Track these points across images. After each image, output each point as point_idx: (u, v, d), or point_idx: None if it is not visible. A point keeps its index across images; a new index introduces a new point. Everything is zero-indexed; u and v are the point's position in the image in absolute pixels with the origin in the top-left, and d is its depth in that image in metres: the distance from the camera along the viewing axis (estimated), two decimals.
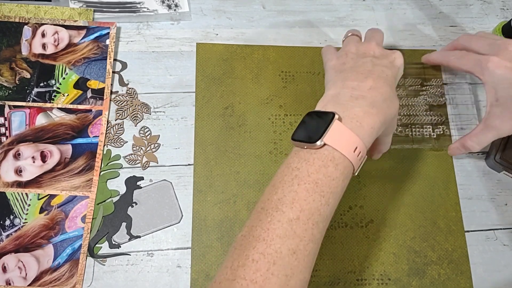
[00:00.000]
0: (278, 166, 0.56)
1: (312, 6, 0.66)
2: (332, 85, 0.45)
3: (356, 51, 0.48)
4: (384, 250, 0.54)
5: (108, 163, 0.55)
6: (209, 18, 0.64)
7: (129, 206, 0.54)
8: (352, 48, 0.49)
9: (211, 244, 0.53)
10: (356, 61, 0.47)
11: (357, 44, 0.49)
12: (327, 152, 0.39)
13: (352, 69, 0.45)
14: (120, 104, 0.58)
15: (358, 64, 0.46)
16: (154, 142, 0.57)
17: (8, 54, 0.58)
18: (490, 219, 0.56)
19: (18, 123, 0.56)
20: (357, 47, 0.49)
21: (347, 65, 0.47)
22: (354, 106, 0.41)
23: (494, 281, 0.53)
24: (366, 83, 0.43)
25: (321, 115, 0.41)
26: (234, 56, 0.61)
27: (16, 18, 0.60)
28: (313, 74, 0.61)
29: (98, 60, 0.59)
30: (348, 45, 0.50)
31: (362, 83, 0.43)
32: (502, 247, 0.55)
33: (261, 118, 0.59)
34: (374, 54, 0.47)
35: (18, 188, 0.53)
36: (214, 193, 0.55)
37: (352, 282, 0.53)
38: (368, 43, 0.49)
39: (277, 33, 0.64)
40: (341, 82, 0.44)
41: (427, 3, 0.67)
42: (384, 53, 0.48)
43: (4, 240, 0.51)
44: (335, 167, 0.39)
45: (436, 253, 0.54)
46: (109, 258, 0.52)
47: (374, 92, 0.42)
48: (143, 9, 0.62)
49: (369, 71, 0.44)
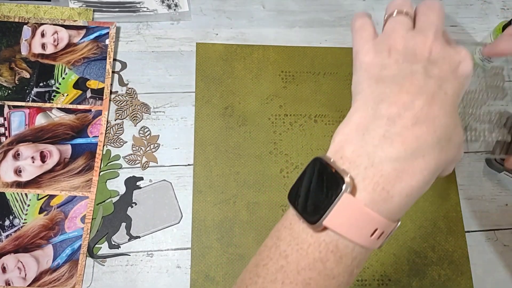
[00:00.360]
0: (278, 166, 0.56)
1: (312, 6, 0.66)
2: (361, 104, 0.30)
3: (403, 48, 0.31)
4: (384, 250, 0.54)
5: (108, 163, 0.55)
6: (209, 18, 0.64)
7: (128, 206, 0.54)
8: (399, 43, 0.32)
9: (210, 245, 0.53)
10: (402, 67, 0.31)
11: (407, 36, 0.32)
12: (329, 238, 0.28)
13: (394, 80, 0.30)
14: (119, 104, 0.58)
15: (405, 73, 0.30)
16: (154, 142, 0.57)
17: (8, 54, 0.58)
18: (490, 220, 0.56)
19: (17, 123, 0.56)
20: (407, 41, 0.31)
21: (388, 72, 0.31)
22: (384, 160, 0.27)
23: (494, 282, 0.53)
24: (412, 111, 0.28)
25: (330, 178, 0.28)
26: (234, 56, 0.61)
27: (15, 18, 0.60)
28: (313, 74, 0.61)
29: (98, 60, 0.59)
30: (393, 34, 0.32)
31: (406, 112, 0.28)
32: (503, 248, 0.55)
33: (261, 118, 0.58)
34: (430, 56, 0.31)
35: (17, 188, 0.53)
36: (213, 193, 0.55)
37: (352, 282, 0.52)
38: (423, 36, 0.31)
39: (277, 33, 0.63)
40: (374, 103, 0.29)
41: None
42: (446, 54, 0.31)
43: (4, 240, 0.51)
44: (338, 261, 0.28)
45: (436, 254, 0.54)
46: (108, 259, 0.52)
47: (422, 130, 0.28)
48: (142, 9, 0.62)
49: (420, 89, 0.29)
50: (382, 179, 0.27)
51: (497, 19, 0.67)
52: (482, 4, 0.68)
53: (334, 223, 0.27)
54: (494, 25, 0.58)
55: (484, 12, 0.67)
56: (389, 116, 0.28)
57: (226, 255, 0.52)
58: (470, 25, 0.66)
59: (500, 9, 0.68)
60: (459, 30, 0.66)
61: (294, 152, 0.57)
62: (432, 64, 0.30)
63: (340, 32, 0.64)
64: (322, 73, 0.61)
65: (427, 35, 0.31)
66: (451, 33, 0.65)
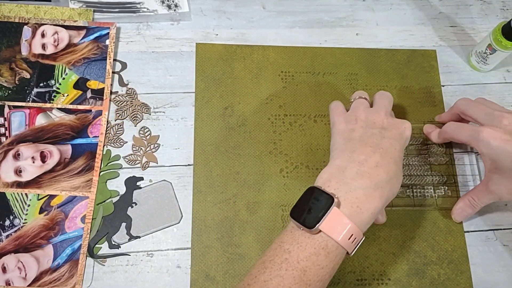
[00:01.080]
0: (278, 166, 0.56)
1: (312, 6, 0.66)
2: (340, 154, 0.44)
3: (365, 118, 0.47)
4: (383, 250, 0.54)
5: (108, 163, 0.55)
6: (209, 19, 0.64)
7: (128, 206, 0.54)
8: (362, 115, 0.47)
9: (211, 244, 0.53)
10: (365, 130, 0.46)
11: (367, 111, 0.48)
12: (321, 239, 0.39)
13: (360, 139, 0.45)
14: (120, 105, 0.58)
15: (367, 134, 0.45)
16: (154, 142, 0.57)
17: (8, 54, 0.58)
18: (490, 220, 0.56)
19: (18, 123, 0.56)
20: (367, 114, 0.48)
21: (356, 134, 0.46)
22: (357, 188, 0.41)
23: (494, 282, 0.53)
24: (373, 158, 0.42)
25: (322, 197, 0.40)
26: (234, 56, 0.61)
27: (16, 18, 0.60)
28: (313, 74, 0.61)
29: (98, 60, 0.59)
30: (357, 110, 0.48)
31: (370, 158, 0.42)
32: (502, 248, 0.55)
33: (260, 118, 0.59)
34: (383, 125, 0.46)
35: (18, 188, 0.53)
36: (214, 193, 0.55)
37: (352, 282, 0.53)
38: (378, 113, 0.48)
39: (277, 33, 0.64)
40: (349, 154, 0.44)
41: (427, 3, 0.67)
42: (394, 124, 0.47)
43: (4, 240, 0.51)
44: (326, 256, 0.39)
45: (436, 253, 0.54)
46: (109, 259, 0.52)
47: (380, 171, 0.42)
48: (143, 9, 0.62)
49: (377, 145, 0.44)
50: (357, 200, 0.40)
51: (496, 20, 0.67)
52: (482, 5, 0.68)
53: (326, 228, 0.39)
54: (494, 26, 0.58)
55: (483, 13, 0.67)
56: (360, 160, 0.42)
57: (226, 254, 0.52)
58: (469, 25, 0.66)
59: (500, 10, 0.68)
60: (459, 31, 0.66)
61: (294, 152, 0.57)
62: (385, 130, 0.45)
63: (340, 32, 0.64)
64: (322, 73, 0.61)
65: (381, 113, 0.48)
66: (451, 33, 0.65)
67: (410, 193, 0.56)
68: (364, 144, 0.44)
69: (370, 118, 0.47)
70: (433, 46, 0.65)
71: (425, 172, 0.57)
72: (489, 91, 0.63)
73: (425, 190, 0.56)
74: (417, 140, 0.58)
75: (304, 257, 0.39)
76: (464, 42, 0.65)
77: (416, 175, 0.57)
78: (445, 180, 0.57)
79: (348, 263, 0.53)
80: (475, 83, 0.63)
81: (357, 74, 0.62)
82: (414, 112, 0.60)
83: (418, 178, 0.57)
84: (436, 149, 0.58)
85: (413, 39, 0.65)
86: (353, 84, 0.61)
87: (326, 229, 0.39)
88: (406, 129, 0.47)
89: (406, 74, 0.62)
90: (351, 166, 0.42)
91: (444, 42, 0.65)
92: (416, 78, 0.62)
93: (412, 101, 0.61)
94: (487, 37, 0.59)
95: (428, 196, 0.56)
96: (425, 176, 0.57)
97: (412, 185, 0.56)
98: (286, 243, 0.40)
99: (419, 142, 0.58)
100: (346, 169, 0.42)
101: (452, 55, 0.64)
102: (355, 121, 0.47)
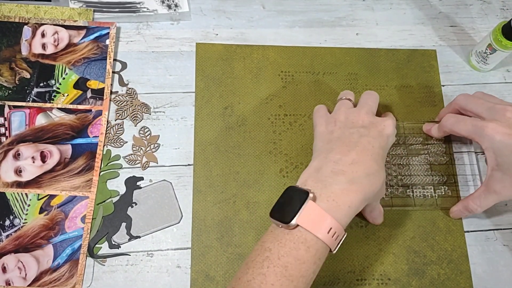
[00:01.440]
0: (278, 166, 0.56)
1: (312, 6, 0.66)
2: (317, 156, 0.46)
3: (344, 119, 0.48)
4: (383, 250, 0.54)
5: (108, 163, 0.55)
6: (208, 18, 0.64)
7: (129, 206, 0.54)
8: (341, 116, 0.48)
9: (210, 244, 0.53)
10: (343, 131, 0.46)
11: (347, 111, 0.49)
12: (300, 233, 0.39)
13: (338, 139, 0.45)
14: (120, 104, 0.58)
15: (345, 134, 0.46)
16: (154, 142, 0.57)
17: (8, 54, 0.58)
18: (490, 220, 0.56)
19: (18, 123, 0.56)
20: (347, 115, 0.48)
21: (334, 135, 0.47)
22: (332, 183, 0.41)
23: (493, 281, 0.53)
24: (349, 156, 0.43)
25: (298, 193, 0.41)
26: (233, 56, 0.61)
27: (16, 18, 0.60)
28: (313, 74, 0.61)
29: (98, 60, 0.59)
30: (338, 111, 0.49)
31: (345, 157, 0.43)
32: (502, 247, 0.55)
33: (260, 118, 0.59)
34: (363, 123, 0.47)
35: (18, 188, 0.53)
36: (213, 193, 0.55)
37: (352, 282, 0.53)
38: (358, 112, 0.48)
39: (276, 33, 0.64)
40: (325, 154, 0.45)
41: (427, 3, 0.67)
42: (374, 122, 0.47)
43: (4, 240, 0.51)
44: (306, 250, 0.39)
45: (435, 253, 0.54)
46: (108, 258, 0.52)
47: (356, 167, 0.42)
48: (143, 9, 0.62)
49: (355, 143, 0.44)
50: (333, 195, 0.41)
51: (496, 19, 0.67)
52: (482, 4, 0.68)
53: (302, 221, 0.39)
54: (494, 25, 0.58)
55: (483, 12, 0.67)
56: (335, 160, 0.43)
57: (226, 254, 0.52)
58: (469, 25, 0.66)
59: (500, 9, 0.68)
60: (459, 30, 0.66)
61: (293, 152, 0.57)
62: (364, 128, 0.46)
63: (339, 32, 0.64)
64: (321, 73, 0.61)
65: (361, 111, 0.48)
66: (451, 33, 0.65)
67: (410, 193, 0.56)
68: (341, 144, 0.45)
69: (350, 118, 0.48)
70: (433, 45, 0.65)
71: (425, 172, 0.57)
72: (489, 91, 0.62)
73: (425, 190, 0.56)
74: (417, 140, 0.58)
75: (284, 252, 0.39)
76: (464, 42, 0.65)
77: (416, 175, 0.57)
78: (445, 180, 0.57)
79: (348, 263, 0.53)
80: (475, 83, 0.63)
81: (357, 74, 0.62)
82: (414, 112, 0.60)
83: (418, 178, 0.57)
84: (436, 149, 0.58)
85: (413, 38, 0.65)
86: (353, 84, 0.61)
87: (303, 223, 0.39)
88: (386, 127, 0.46)
89: (406, 74, 0.62)
90: (326, 165, 0.43)
91: (444, 42, 0.65)
92: (416, 78, 0.62)
93: (412, 101, 0.61)
94: (487, 37, 0.59)
95: (428, 196, 0.56)
96: (425, 176, 0.57)
97: (412, 185, 0.56)
98: (267, 242, 0.41)
99: (419, 142, 0.58)
100: (321, 168, 0.43)
101: (452, 54, 0.64)
102: (334, 123, 0.48)
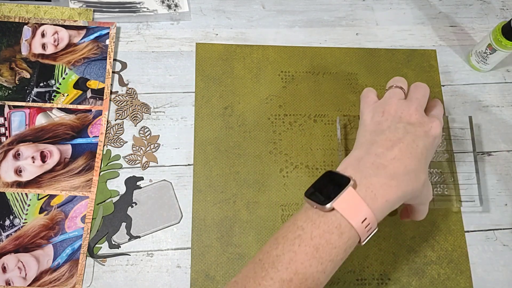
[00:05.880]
0: (278, 166, 0.56)
1: (312, 6, 0.66)
2: (359, 146, 0.44)
3: (394, 112, 0.45)
4: (383, 250, 0.54)
5: (108, 163, 0.55)
6: (208, 18, 0.64)
7: (129, 206, 0.54)
8: (392, 108, 0.45)
9: (210, 244, 0.53)
10: (390, 124, 0.44)
11: (398, 103, 0.46)
12: (335, 218, 0.38)
13: (383, 133, 0.44)
14: (120, 104, 0.58)
15: (391, 128, 0.44)
16: (154, 142, 0.57)
17: (8, 54, 0.58)
18: (490, 219, 0.56)
19: (18, 123, 0.56)
20: (397, 107, 0.45)
21: (380, 127, 0.45)
22: (372, 175, 0.40)
23: (493, 281, 0.53)
24: (392, 152, 0.42)
25: (338, 178, 0.40)
26: (233, 56, 0.61)
27: (16, 18, 0.60)
28: (313, 74, 0.61)
29: (98, 60, 0.59)
30: (389, 102, 0.46)
31: (388, 151, 0.42)
32: (502, 247, 0.55)
33: (260, 118, 0.59)
34: (410, 120, 0.44)
35: (18, 188, 0.53)
36: (213, 193, 0.55)
37: (352, 281, 0.53)
38: (408, 106, 0.45)
39: (276, 33, 0.64)
40: (368, 146, 0.43)
41: (427, 3, 0.67)
42: (421, 121, 0.45)
43: (4, 240, 0.51)
44: (340, 236, 0.38)
45: (436, 253, 0.54)
46: (109, 258, 0.52)
47: (397, 163, 0.41)
48: (143, 9, 0.62)
49: (399, 139, 0.42)
50: (371, 186, 0.40)
51: (496, 19, 0.67)
52: (482, 4, 0.68)
53: (340, 206, 0.38)
54: (494, 25, 0.58)
55: (483, 12, 0.67)
56: (377, 153, 0.42)
57: (226, 254, 0.52)
58: (469, 25, 0.66)
59: (500, 9, 0.68)
60: (458, 30, 0.66)
61: (293, 152, 0.57)
62: (410, 125, 0.44)
63: (339, 32, 0.64)
64: (321, 73, 0.61)
65: (411, 106, 0.45)
66: (451, 33, 0.65)
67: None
68: (385, 138, 0.43)
69: (399, 112, 0.45)
70: (432, 45, 0.65)
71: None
72: (489, 91, 0.63)
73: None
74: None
75: (317, 234, 0.38)
76: (463, 42, 0.65)
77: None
78: (444, 179, 0.57)
79: (348, 262, 0.53)
80: (475, 83, 0.63)
81: (357, 73, 0.62)
82: None
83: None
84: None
85: (413, 38, 0.65)
86: (352, 84, 0.61)
87: (340, 208, 0.38)
88: (433, 128, 0.44)
89: (405, 73, 0.62)
90: (368, 157, 0.42)
91: (443, 42, 0.65)
92: (415, 77, 0.62)
93: None
94: (487, 37, 0.59)
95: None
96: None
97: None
98: (299, 221, 0.40)
99: None
100: (362, 159, 0.42)
101: (451, 54, 0.64)
102: (382, 113, 0.45)
